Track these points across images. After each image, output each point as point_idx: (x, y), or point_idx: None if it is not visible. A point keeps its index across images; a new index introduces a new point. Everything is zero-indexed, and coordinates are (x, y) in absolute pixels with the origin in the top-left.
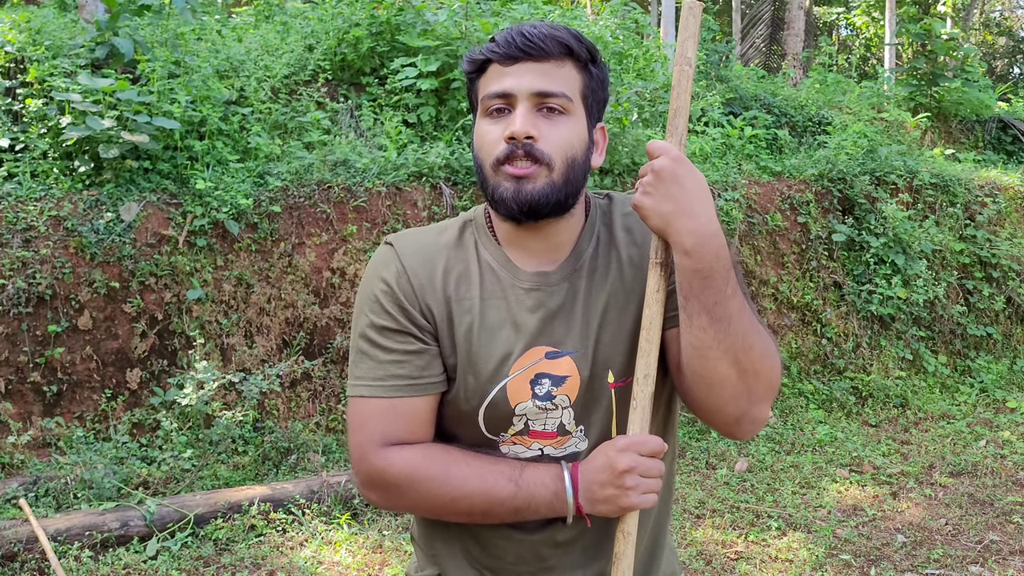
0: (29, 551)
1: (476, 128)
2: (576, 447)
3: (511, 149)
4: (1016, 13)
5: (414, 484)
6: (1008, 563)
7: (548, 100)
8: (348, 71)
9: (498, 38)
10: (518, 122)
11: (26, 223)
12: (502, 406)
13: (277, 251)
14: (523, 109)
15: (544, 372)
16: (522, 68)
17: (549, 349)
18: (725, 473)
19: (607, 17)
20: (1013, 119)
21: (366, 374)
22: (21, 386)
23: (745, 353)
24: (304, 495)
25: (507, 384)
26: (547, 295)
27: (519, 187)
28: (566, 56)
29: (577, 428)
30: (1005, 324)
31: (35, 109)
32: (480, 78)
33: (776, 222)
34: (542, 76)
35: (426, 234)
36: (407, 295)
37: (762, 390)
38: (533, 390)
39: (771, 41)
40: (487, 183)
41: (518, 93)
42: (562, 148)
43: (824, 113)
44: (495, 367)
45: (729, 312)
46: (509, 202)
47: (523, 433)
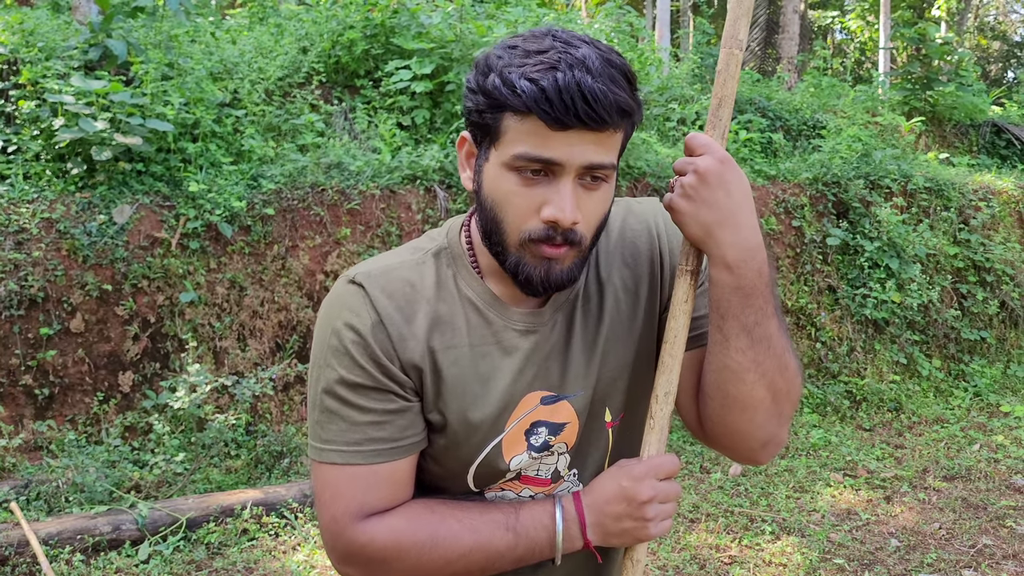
0: (20, 555)
1: (495, 173)
2: (572, 487)
3: (548, 233)
4: (1010, 17)
5: (402, 554)
6: (1001, 567)
7: (595, 172)
8: (342, 73)
9: (550, 91)
10: (567, 209)
11: (18, 225)
12: (496, 463)
13: (270, 254)
14: (569, 188)
15: (540, 420)
16: (575, 136)
17: (545, 394)
18: (719, 477)
19: (602, 20)
20: (1007, 123)
21: (337, 437)
22: (13, 389)
23: (781, 374)
24: (297, 499)
25: (503, 439)
26: (543, 336)
27: (549, 269)
28: (623, 120)
29: (570, 472)
30: (999, 328)
31: (28, 111)
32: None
33: (771, 226)
34: (596, 147)
35: (399, 270)
36: (384, 349)
37: (789, 410)
38: (528, 440)
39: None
40: (505, 250)
41: (567, 165)
42: (596, 221)
43: (819, 117)
44: (491, 423)
45: (769, 333)
46: (536, 283)
47: (515, 479)
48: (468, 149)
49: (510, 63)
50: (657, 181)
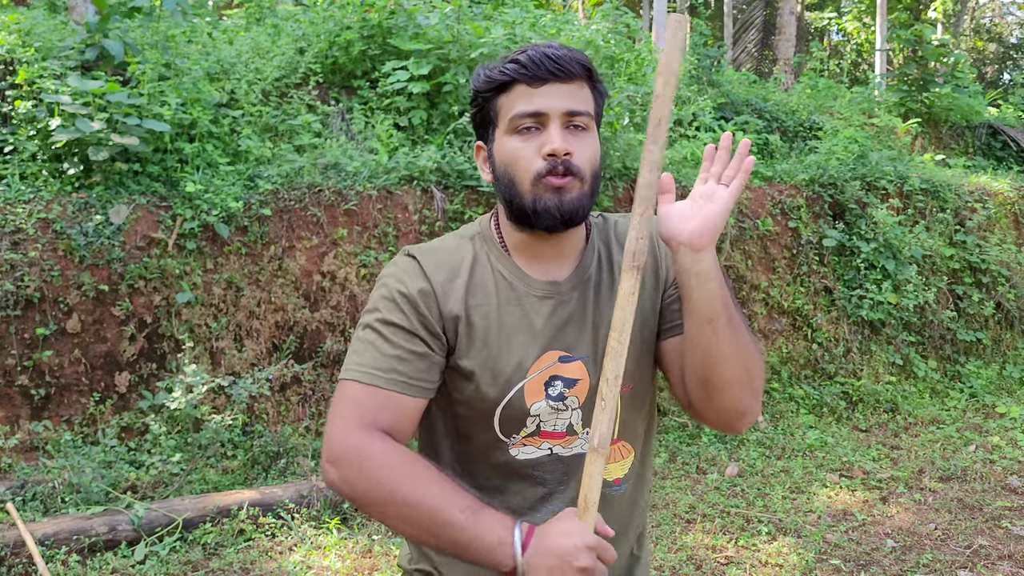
0: (16, 555)
1: (502, 145)
2: (582, 448)
3: (552, 165)
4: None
5: (381, 473)
6: (997, 568)
7: (576, 119)
8: (339, 74)
9: (522, 59)
10: (557, 140)
11: (15, 225)
12: (518, 406)
13: (267, 254)
14: (557, 127)
15: (557, 375)
16: (551, 89)
17: (562, 353)
18: (716, 478)
19: (599, 21)
20: (1003, 125)
21: (368, 362)
22: (9, 389)
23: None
24: (293, 499)
25: (525, 385)
26: (559, 303)
27: (561, 198)
28: (585, 76)
29: (584, 430)
30: (995, 329)
31: (24, 111)
32: (500, 96)
33: (767, 227)
34: (569, 96)
35: (445, 249)
36: (428, 306)
37: (760, 385)
38: (547, 391)
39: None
40: (523, 197)
41: (551, 112)
42: (590, 161)
43: (815, 118)
44: (513, 369)
45: (738, 320)
46: (553, 211)
47: (535, 434)
48: (482, 155)
49: (491, 66)
50: None
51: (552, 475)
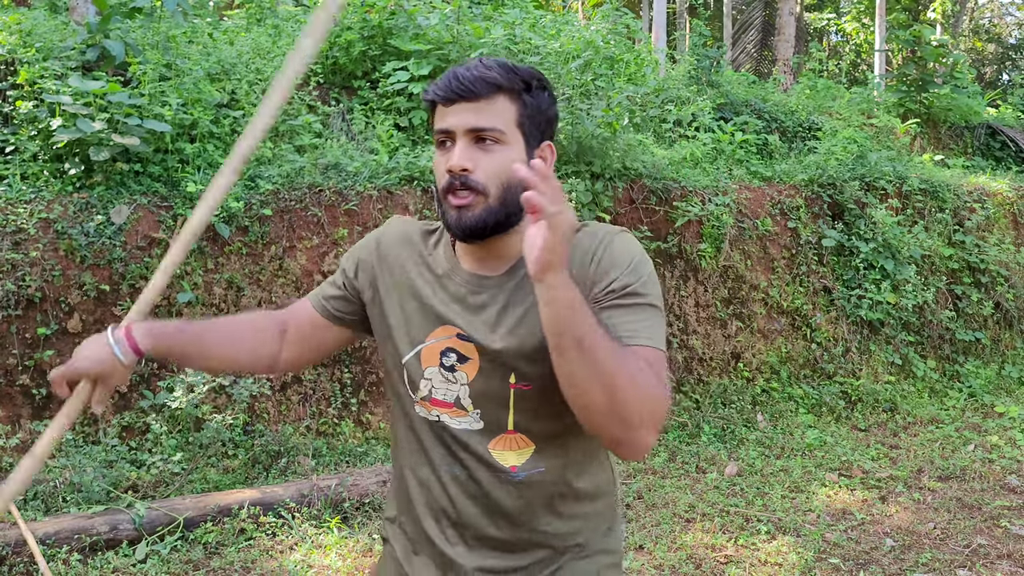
0: (17, 555)
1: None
2: (471, 426)
3: (451, 181)
4: (1005, 20)
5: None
6: (996, 567)
7: (482, 134)
8: (340, 75)
9: (439, 81)
10: (455, 157)
11: (16, 225)
12: (415, 367)
13: (268, 254)
14: (460, 144)
15: (453, 348)
16: (459, 108)
17: (461, 331)
18: (715, 477)
19: (598, 22)
20: (1002, 125)
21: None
22: (10, 389)
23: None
24: (294, 499)
25: (422, 349)
26: (471, 293)
27: (460, 215)
28: (496, 92)
29: (474, 409)
30: (993, 329)
31: (25, 111)
32: (433, 114)
33: (766, 227)
34: (475, 114)
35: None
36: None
37: (636, 419)
38: (441, 360)
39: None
40: (441, 206)
41: (455, 130)
42: (497, 175)
43: (814, 119)
44: (416, 332)
45: (595, 346)
46: (453, 228)
47: (427, 399)
48: None
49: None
50: (653, 182)
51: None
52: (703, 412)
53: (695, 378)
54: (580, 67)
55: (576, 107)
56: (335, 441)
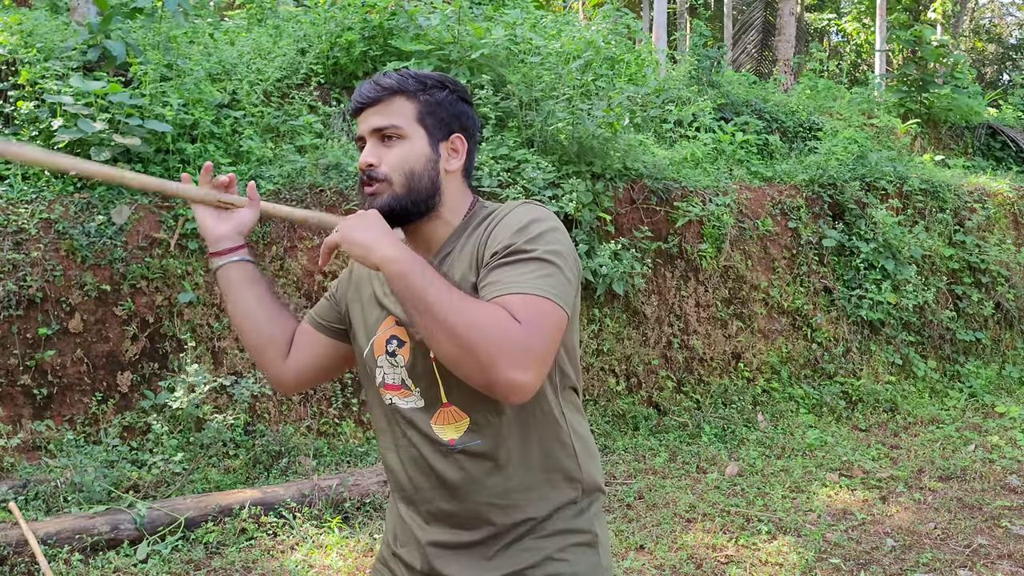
0: (19, 554)
1: None
2: (415, 404)
3: (361, 176)
4: (1005, 20)
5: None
6: (996, 567)
7: (383, 132)
8: (340, 75)
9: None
10: (363, 155)
11: (17, 225)
12: (371, 358)
13: (269, 255)
14: (368, 145)
15: (395, 335)
16: (365, 115)
17: (397, 318)
18: (716, 477)
19: (599, 22)
20: (1002, 126)
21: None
22: (11, 389)
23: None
24: (295, 498)
25: (374, 340)
26: None
27: (371, 203)
28: (393, 95)
29: (415, 387)
30: (994, 329)
31: (27, 111)
32: None
33: (767, 227)
34: (377, 115)
35: None
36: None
37: (486, 359)
38: (387, 348)
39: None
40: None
41: (364, 134)
42: (399, 165)
43: (815, 119)
44: (371, 327)
45: (433, 303)
46: None
47: (381, 386)
48: None
49: None
50: (653, 182)
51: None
52: (704, 412)
53: (696, 378)
54: (581, 67)
55: (577, 107)
56: (336, 441)
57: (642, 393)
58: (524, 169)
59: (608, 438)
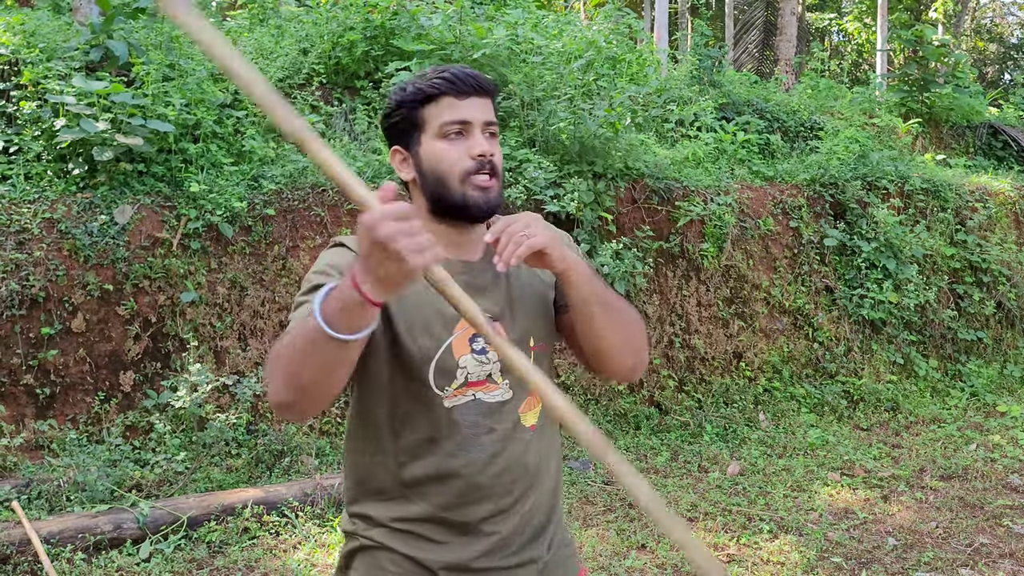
0: (22, 553)
1: (431, 147)
2: (503, 396)
3: (479, 164)
4: (1007, 19)
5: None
6: (998, 566)
7: (491, 127)
8: (342, 75)
9: (448, 76)
10: (485, 144)
11: (20, 225)
12: (448, 360)
13: (271, 254)
14: (480, 134)
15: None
16: (473, 102)
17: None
18: (717, 476)
19: (601, 22)
20: (1004, 125)
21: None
22: (14, 388)
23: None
24: (297, 497)
25: (452, 341)
26: (473, 277)
27: (487, 196)
28: (494, 94)
29: (503, 380)
30: (995, 328)
31: (29, 111)
32: (428, 106)
33: (768, 226)
34: (485, 109)
35: None
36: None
37: (639, 342)
38: (471, 346)
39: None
40: (452, 192)
41: (474, 121)
42: (501, 164)
43: (816, 118)
44: (441, 327)
45: (610, 302)
46: (481, 206)
47: (463, 385)
48: (399, 157)
49: (414, 81)
50: (655, 182)
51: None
52: (705, 411)
53: (697, 377)
54: (582, 67)
55: (578, 107)
56: (338, 440)
57: (644, 392)
58: (526, 169)
59: (610, 437)
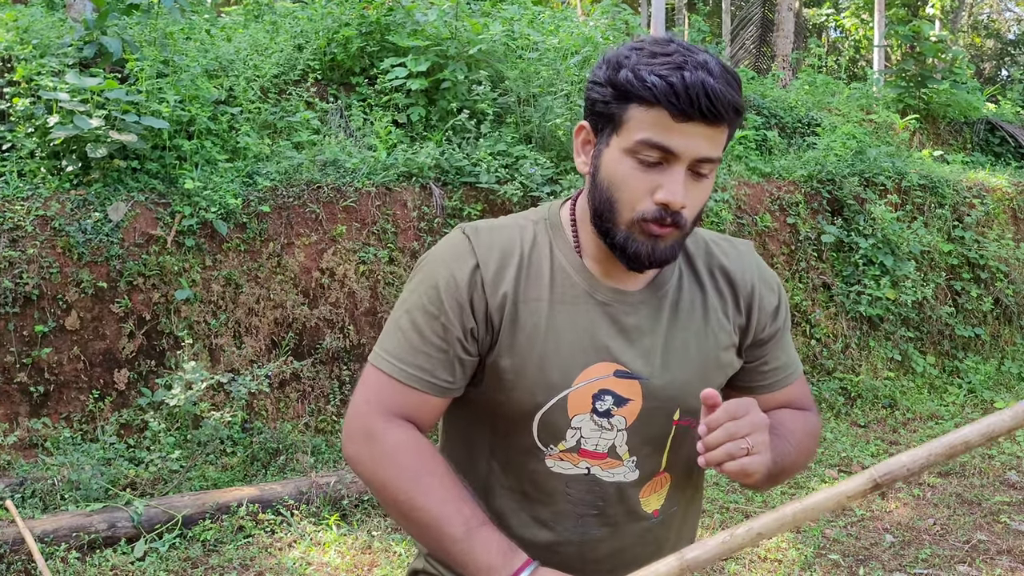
0: (16, 552)
1: (614, 157)
2: (625, 476)
3: (659, 214)
4: (1004, 15)
5: (389, 464)
6: (995, 562)
7: (704, 166)
8: (338, 71)
9: (677, 85)
10: (679, 193)
11: (13, 222)
12: (559, 415)
13: (266, 251)
14: (682, 175)
15: (608, 389)
16: (694, 129)
17: (619, 368)
18: (714, 474)
19: (597, 18)
20: (1001, 121)
21: (395, 352)
22: (8, 386)
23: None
24: (293, 496)
25: (569, 394)
26: (623, 312)
27: (655, 246)
28: (732, 122)
29: (630, 457)
30: (993, 325)
31: (22, 108)
32: (634, 107)
33: (765, 223)
34: (708, 141)
35: (503, 229)
36: (475, 290)
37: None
38: (594, 404)
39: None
40: (616, 228)
41: (683, 156)
42: (699, 208)
43: (813, 114)
44: (560, 373)
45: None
46: (644, 259)
47: (574, 451)
48: (585, 137)
49: (639, 61)
50: None
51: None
52: None
53: None
54: (579, 63)
55: (575, 103)
56: (334, 438)
57: None
58: (522, 165)
59: None
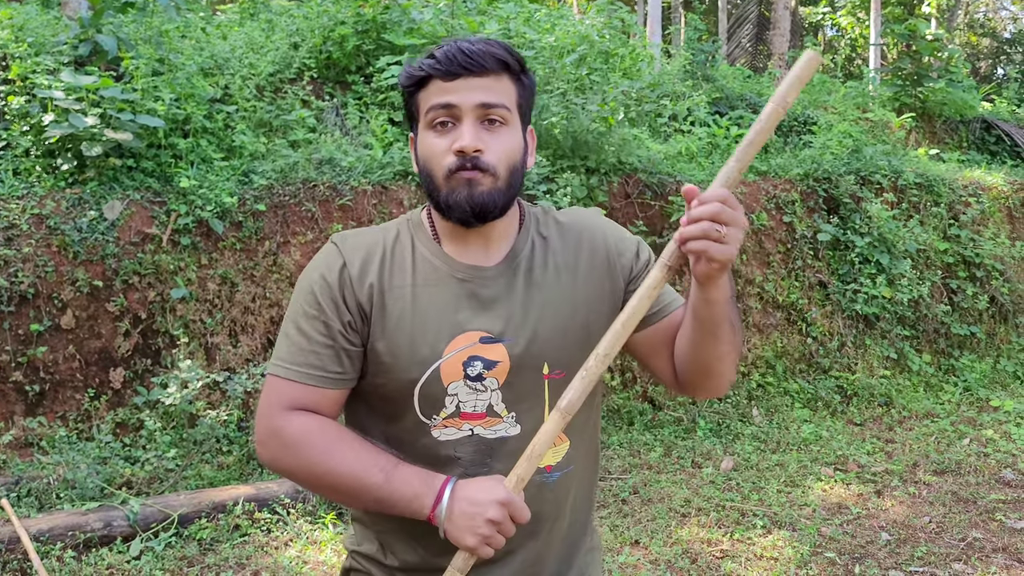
0: (11, 551)
1: (422, 139)
2: (507, 431)
3: (461, 163)
4: (1000, 14)
5: (300, 448)
6: (991, 560)
7: (490, 112)
8: (334, 69)
9: (438, 54)
10: (467, 137)
11: (8, 221)
12: (435, 385)
13: (262, 250)
14: (469, 123)
15: (477, 355)
16: (464, 83)
17: (484, 334)
18: (711, 472)
19: (593, 16)
20: (997, 119)
21: (286, 357)
22: (3, 385)
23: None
24: (289, 495)
25: (441, 364)
26: (481, 286)
27: (471, 190)
28: (503, 70)
29: (508, 413)
30: (988, 323)
31: (17, 106)
32: (420, 92)
33: (762, 221)
34: (483, 90)
35: (368, 233)
36: (343, 286)
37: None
38: (465, 371)
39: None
40: (438, 191)
41: (462, 105)
42: (505, 157)
43: (809, 113)
44: (430, 349)
45: (735, 318)
46: (464, 204)
47: (455, 416)
48: (412, 145)
49: (413, 61)
50: (648, 176)
51: (474, 456)
52: (699, 407)
53: None
54: (575, 62)
55: (571, 102)
56: None
57: (637, 388)
58: None
59: (603, 433)
